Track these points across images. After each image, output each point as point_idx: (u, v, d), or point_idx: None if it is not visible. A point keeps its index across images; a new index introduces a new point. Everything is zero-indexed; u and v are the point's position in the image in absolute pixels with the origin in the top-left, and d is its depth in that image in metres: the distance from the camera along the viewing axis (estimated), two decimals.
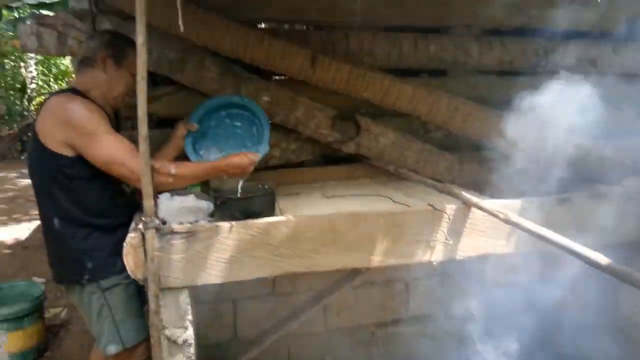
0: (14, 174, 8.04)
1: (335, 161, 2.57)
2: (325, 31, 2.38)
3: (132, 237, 1.60)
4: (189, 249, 1.66)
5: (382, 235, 1.80)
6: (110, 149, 1.62)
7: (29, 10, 6.02)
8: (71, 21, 2.01)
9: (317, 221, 1.75)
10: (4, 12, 4.18)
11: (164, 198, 1.92)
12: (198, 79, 2.17)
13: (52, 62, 10.33)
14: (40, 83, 10.50)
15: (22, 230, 5.11)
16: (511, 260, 2.01)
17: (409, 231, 1.81)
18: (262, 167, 2.40)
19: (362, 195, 2.19)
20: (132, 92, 1.75)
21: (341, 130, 2.35)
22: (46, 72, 10.43)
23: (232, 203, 1.78)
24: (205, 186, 2.15)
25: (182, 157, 2.04)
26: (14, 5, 3.81)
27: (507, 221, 1.66)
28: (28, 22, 2.07)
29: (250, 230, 1.70)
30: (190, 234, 1.66)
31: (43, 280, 3.60)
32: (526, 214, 1.77)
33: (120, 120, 2.26)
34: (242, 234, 1.69)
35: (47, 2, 4.86)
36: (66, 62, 10.33)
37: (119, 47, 1.75)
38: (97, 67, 1.73)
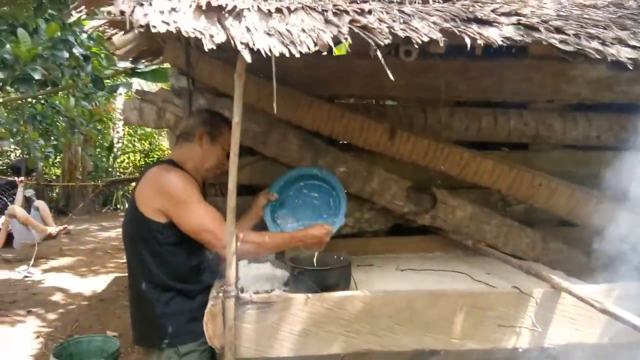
0: (95, 227, 8.60)
1: (409, 232, 2.53)
2: (402, 105, 2.43)
3: (212, 305, 1.64)
4: (264, 319, 1.67)
5: (462, 316, 1.72)
6: (201, 217, 1.72)
7: (122, 79, 6.69)
8: (170, 98, 2.21)
9: (394, 298, 1.71)
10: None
11: (241, 265, 1.97)
12: (280, 150, 2.27)
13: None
14: (126, 142, 11.42)
15: (99, 282, 5.37)
16: (607, 350, 1.84)
17: (492, 314, 1.72)
18: (335, 235, 2.42)
19: (438, 270, 2.13)
20: (221, 165, 1.87)
21: (416, 202, 2.33)
22: (132, 132, 11.35)
23: (308, 274, 1.78)
24: (279, 255, 2.19)
25: (261, 225, 2.10)
26: (107, 72, 4.24)
27: (603, 311, 1.53)
28: (132, 98, 2.30)
29: (326, 303, 1.68)
30: (266, 304, 1.67)
31: (116, 334, 3.73)
32: (624, 302, 1.63)
33: (206, 187, 2.39)
34: (317, 306, 1.68)
35: (139, 70, 5.39)
36: None
37: (215, 124, 1.90)
38: (194, 142, 1.87)
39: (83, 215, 9.11)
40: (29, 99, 5.24)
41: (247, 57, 1.30)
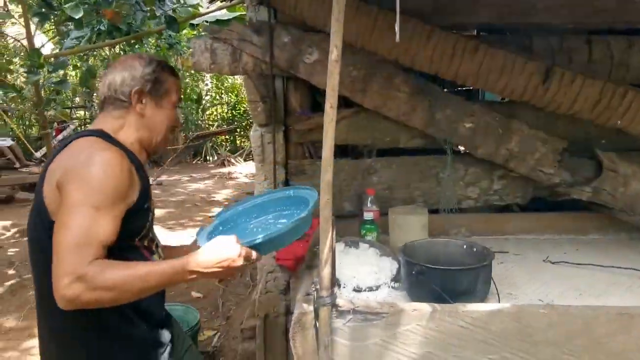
0: (185, 178, 8.73)
1: (552, 207, 1.93)
2: (556, 37, 1.77)
3: (301, 314, 1.21)
4: (371, 336, 1.22)
5: None
6: (77, 226, 1.00)
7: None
8: (247, 35, 1.75)
9: (563, 317, 1.18)
10: (186, 30, 4.31)
11: (338, 249, 1.53)
12: (384, 100, 1.75)
13: (224, 76, 11.15)
14: (214, 95, 11.42)
15: (187, 236, 5.32)
16: None
17: None
18: (454, 209, 1.89)
19: (608, 267, 1.53)
20: (174, 128, 1.29)
21: (572, 170, 1.71)
22: (219, 85, 11.28)
23: (432, 274, 1.29)
24: (384, 238, 1.73)
25: None
26: (195, 22, 3.87)
27: None
28: (202, 38, 1.87)
29: (461, 319, 1.19)
30: (374, 316, 1.22)
31: (200, 295, 3.56)
32: None
33: (291, 148, 1.95)
34: (447, 322, 1.19)
35: (224, 18, 5.00)
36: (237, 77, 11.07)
37: (156, 79, 1.21)
38: (129, 108, 1.20)
39: (174, 167, 9.30)
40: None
41: None
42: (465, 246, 1.44)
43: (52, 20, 2.72)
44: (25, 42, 3.84)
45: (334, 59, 1.10)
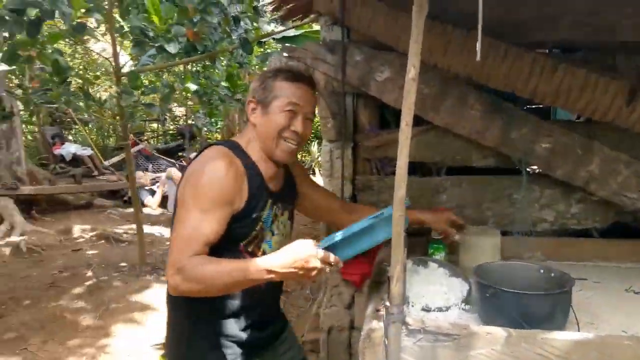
0: None
1: (631, 233, 1.82)
2: None
3: (371, 330, 1.22)
4: (441, 357, 1.20)
5: None
6: (184, 227, 1.15)
7: (273, 47, 6.60)
8: (321, 54, 1.80)
9: None
10: (256, 47, 4.49)
11: (407, 267, 1.52)
12: (456, 118, 1.74)
13: None
14: None
15: None
16: None
17: None
18: (528, 233, 1.83)
19: None
20: (288, 130, 1.25)
21: None
22: None
23: (507, 298, 1.25)
24: (453, 259, 1.70)
25: None
26: (263, 40, 4.03)
27: None
28: (277, 55, 1.95)
29: (539, 346, 1.14)
30: (446, 338, 1.20)
31: None
32: None
33: (359, 163, 1.97)
34: (524, 349, 1.15)
35: (291, 35, 5.15)
36: None
37: (263, 87, 1.26)
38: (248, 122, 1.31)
39: None
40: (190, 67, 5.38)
41: None
42: (542, 270, 1.39)
43: (147, 49, 2.94)
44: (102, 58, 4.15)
45: (412, 77, 1.11)
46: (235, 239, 1.22)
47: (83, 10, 2.80)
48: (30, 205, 5.96)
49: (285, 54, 1.93)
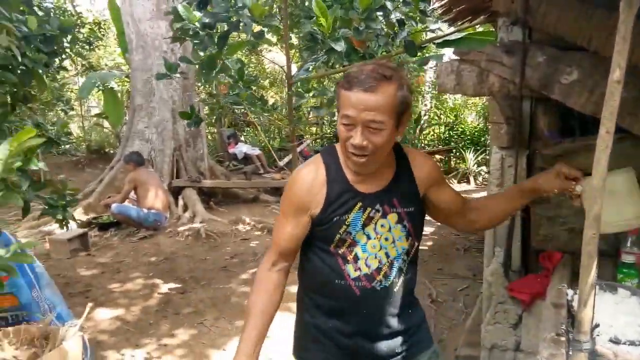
0: None
1: None
2: None
3: (552, 355, 1.11)
4: None
5: None
6: (274, 233, 1.39)
7: (433, 51, 6.46)
8: (497, 56, 1.71)
9: None
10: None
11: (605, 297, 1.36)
12: None
13: (445, 97, 11.10)
14: (432, 115, 11.45)
15: None
16: None
17: None
18: None
19: None
20: (347, 136, 1.17)
21: None
22: (439, 105, 11.27)
23: None
24: None
25: None
26: (424, 45, 3.98)
27: None
28: (448, 60, 1.91)
29: None
30: None
31: None
32: None
33: (534, 173, 1.82)
34: None
35: (451, 39, 4.98)
36: (457, 97, 10.89)
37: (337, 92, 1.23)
38: None
39: None
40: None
41: None
42: None
43: (317, 53, 3.13)
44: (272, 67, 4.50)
45: (616, 79, 1.00)
46: (323, 240, 1.28)
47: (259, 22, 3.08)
48: (209, 196, 6.81)
49: (456, 57, 1.88)
